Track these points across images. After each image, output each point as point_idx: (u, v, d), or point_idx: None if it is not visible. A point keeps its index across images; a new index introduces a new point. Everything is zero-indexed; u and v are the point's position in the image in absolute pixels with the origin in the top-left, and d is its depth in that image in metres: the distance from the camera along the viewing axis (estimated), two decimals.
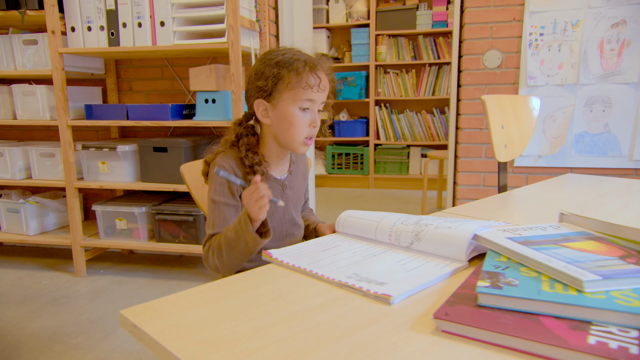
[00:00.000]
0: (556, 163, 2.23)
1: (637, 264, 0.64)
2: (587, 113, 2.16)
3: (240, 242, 0.93)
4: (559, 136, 2.18)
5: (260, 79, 1.01)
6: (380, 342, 0.54)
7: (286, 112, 1.00)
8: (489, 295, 0.59)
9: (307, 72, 0.97)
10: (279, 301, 0.66)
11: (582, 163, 2.20)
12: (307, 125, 1.01)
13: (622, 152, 2.14)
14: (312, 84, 0.97)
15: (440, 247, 0.81)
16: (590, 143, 2.18)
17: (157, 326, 0.58)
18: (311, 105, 1.00)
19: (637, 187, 1.38)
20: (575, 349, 0.48)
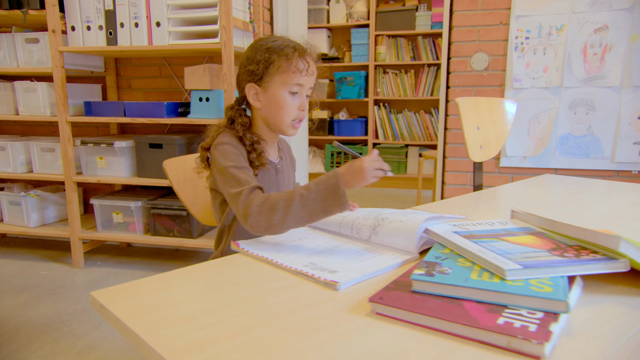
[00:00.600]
0: (541, 164, 2.27)
1: (561, 256, 0.69)
2: (571, 115, 2.21)
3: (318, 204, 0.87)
4: (543, 138, 2.23)
5: (252, 63, 1.06)
6: (319, 321, 0.60)
7: (276, 96, 1.05)
8: (422, 282, 0.65)
9: (296, 57, 1.03)
10: (237, 286, 0.73)
11: (566, 164, 2.25)
12: (295, 108, 1.07)
13: (605, 154, 2.18)
14: (301, 69, 1.03)
15: (394, 240, 0.87)
16: (574, 145, 2.22)
17: (121, 306, 0.65)
18: (300, 89, 1.06)
19: (606, 189, 1.43)
20: (483, 328, 0.55)
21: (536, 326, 0.54)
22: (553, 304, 0.58)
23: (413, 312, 0.60)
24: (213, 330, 0.58)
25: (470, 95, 2.28)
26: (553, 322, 0.55)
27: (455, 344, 0.54)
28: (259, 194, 0.94)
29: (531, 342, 0.51)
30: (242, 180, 0.97)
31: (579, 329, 0.58)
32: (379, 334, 0.57)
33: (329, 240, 0.93)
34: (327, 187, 0.87)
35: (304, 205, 0.88)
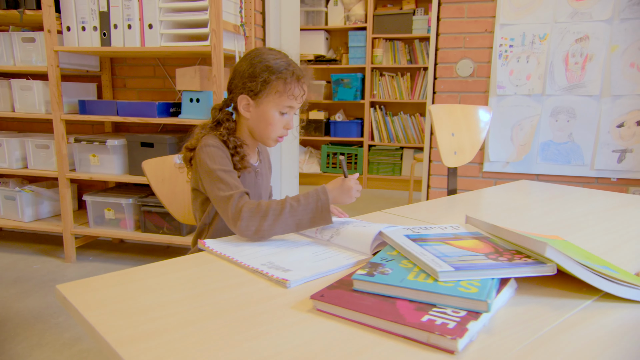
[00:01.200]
0: (523, 169, 2.32)
1: (495, 260, 0.74)
2: (553, 123, 2.25)
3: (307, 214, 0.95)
4: (525, 144, 2.27)
5: (250, 78, 1.09)
6: (261, 316, 0.65)
7: (267, 113, 1.10)
8: (362, 282, 0.70)
9: (294, 83, 1.08)
10: (194, 282, 0.78)
11: (547, 170, 2.29)
12: (282, 126, 1.12)
13: (585, 161, 2.22)
14: (296, 95, 1.08)
15: (352, 242, 0.92)
16: (555, 151, 2.27)
17: (82, 299, 0.70)
18: (290, 110, 1.12)
19: (576, 195, 1.47)
20: (407, 324, 0.59)
21: (455, 323, 0.59)
22: (475, 303, 0.63)
23: (348, 309, 0.65)
24: (161, 322, 0.63)
25: (455, 100, 2.33)
26: (472, 320, 0.60)
27: (380, 339, 0.59)
28: (249, 200, 1.00)
29: (446, 338, 0.56)
30: (231, 185, 1.02)
31: (499, 326, 0.63)
32: (313, 329, 0.62)
33: (292, 241, 0.98)
34: (317, 203, 0.96)
35: (293, 216, 0.95)
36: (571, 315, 0.66)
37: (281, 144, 2.86)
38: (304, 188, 4.85)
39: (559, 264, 0.71)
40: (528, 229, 1.08)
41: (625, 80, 2.11)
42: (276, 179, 2.85)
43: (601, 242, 1.00)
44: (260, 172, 1.22)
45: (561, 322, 0.64)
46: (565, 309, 0.68)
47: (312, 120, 5.05)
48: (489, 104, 2.31)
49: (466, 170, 2.41)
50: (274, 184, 2.92)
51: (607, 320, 0.64)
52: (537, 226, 1.14)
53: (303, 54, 4.94)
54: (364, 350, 0.57)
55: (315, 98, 5.00)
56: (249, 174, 1.18)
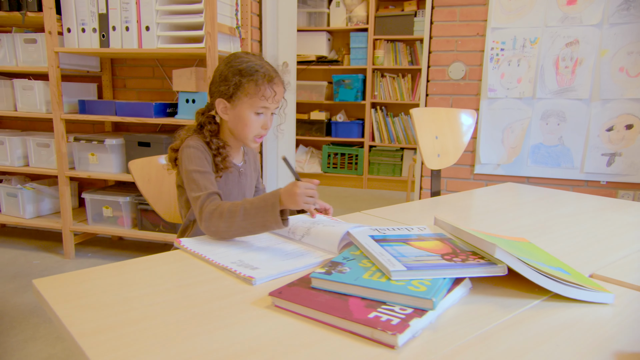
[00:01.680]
0: (514, 172, 2.34)
1: (450, 260, 0.77)
2: (543, 126, 2.27)
3: (259, 219, 0.95)
4: (515, 146, 2.29)
5: (224, 82, 1.14)
6: (221, 311, 0.69)
7: (242, 114, 1.14)
8: (319, 280, 0.73)
9: (264, 85, 1.12)
10: (164, 278, 0.82)
11: (537, 173, 2.31)
12: (259, 126, 1.16)
13: (574, 164, 2.24)
14: (267, 96, 1.12)
15: (321, 241, 0.95)
16: (545, 154, 2.28)
17: (55, 293, 0.74)
18: (265, 111, 1.15)
19: (557, 198, 1.49)
20: (354, 320, 0.63)
21: (399, 320, 0.62)
22: (421, 301, 0.66)
23: (302, 306, 0.68)
24: (125, 316, 0.66)
25: (447, 103, 2.35)
26: (416, 318, 0.63)
27: (329, 334, 0.63)
28: (214, 200, 1.04)
29: (387, 334, 0.59)
30: (202, 186, 1.07)
31: (445, 323, 0.66)
32: (268, 324, 0.65)
33: (268, 239, 1.01)
34: (266, 205, 0.95)
35: (246, 219, 0.96)
36: (517, 313, 0.69)
37: (278, 144, 2.90)
38: None
39: (508, 264, 0.74)
40: (501, 231, 1.11)
41: (615, 85, 2.13)
42: (272, 179, 2.89)
43: (568, 245, 1.02)
44: (244, 173, 1.26)
45: (506, 320, 0.67)
46: (513, 308, 0.71)
47: (313, 121, 5.08)
48: (480, 106, 2.33)
49: (458, 172, 2.43)
50: (270, 184, 2.97)
51: (549, 319, 0.67)
52: (511, 228, 1.17)
53: (305, 55, 4.98)
54: (311, 345, 0.60)
55: (317, 99, 5.03)
56: (232, 174, 1.22)
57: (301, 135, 5.13)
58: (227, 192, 1.19)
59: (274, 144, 2.88)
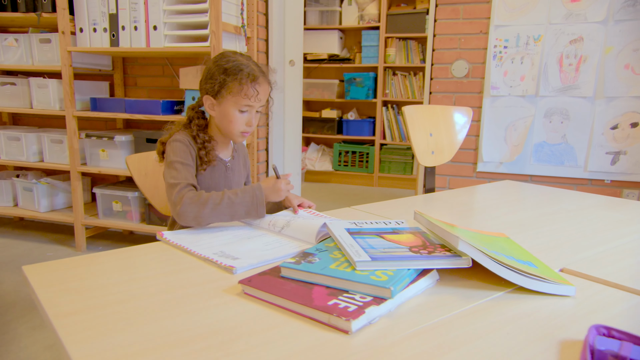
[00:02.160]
0: (517, 170, 2.32)
1: (417, 252, 0.79)
2: (547, 124, 2.25)
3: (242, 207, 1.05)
4: (518, 144, 2.28)
5: (210, 80, 1.19)
6: (192, 297, 0.73)
7: (227, 111, 1.18)
8: (288, 269, 0.76)
9: (247, 84, 1.15)
10: (143, 267, 0.86)
11: (540, 171, 2.29)
12: (244, 123, 1.20)
13: (578, 163, 2.21)
14: (250, 95, 1.16)
15: (300, 232, 0.98)
16: (549, 152, 2.26)
17: (40, 278, 0.78)
18: (249, 109, 1.19)
19: (551, 196, 1.49)
20: (313, 307, 0.66)
21: (355, 307, 0.65)
22: (380, 290, 0.68)
23: (268, 293, 0.71)
24: (100, 300, 0.71)
25: (450, 101, 2.35)
26: (374, 305, 0.66)
27: (290, 319, 0.66)
28: (193, 190, 1.10)
29: (341, 320, 0.62)
30: (182, 175, 1.12)
31: (404, 312, 0.68)
32: (234, 309, 0.69)
33: (249, 231, 1.05)
34: (252, 198, 1.06)
35: (230, 207, 1.05)
36: (478, 304, 0.71)
37: (284, 142, 2.94)
38: (316, 185, 4.94)
39: (472, 257, 0.75)
40: (487, 226, 1.12)
41: (620, 82, 2.10)
42: None
43: (547, 240, 1.03)
44: (231, 168, 1.29)
45: (464, 310, 0.69)
46: (475, 299, 0.73)
47: (324, 119, 5.11)
48: (483, 104, 2.32)
49: (460, 170, 2.43)
50: None
51: (508, 310, 0.69)
52: (497, 224, 1.18)
53: (317, 53, 5.01)
54: (270, 328, 0.63)
55: (328, 97, 5.06)
56: (219, 169, 1.25)
57: (312, 133, 5.16)
58: (213, 185, 1.23)
59: (281, 143, 2.92)
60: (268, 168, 2.86)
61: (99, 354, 0.56)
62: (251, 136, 2.62)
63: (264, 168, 2.82)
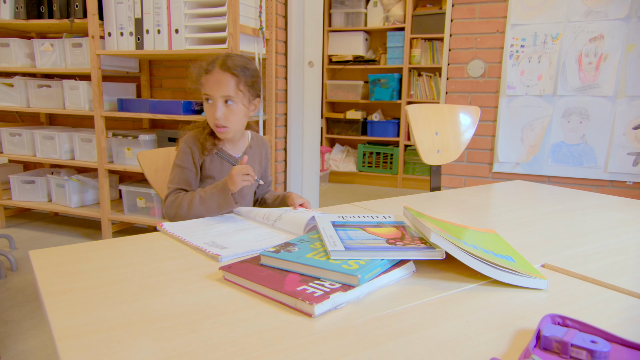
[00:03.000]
0: (533, 171, 2.28)
1: (393, 244, 0.81)
2: (565, 124, 2.19)
3: (213, 202, 1.14)
4: (534, 145, 2.23)
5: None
6: (174, 282, 0.77)
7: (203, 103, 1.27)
8: (267, 257, 0.80)
9: (202, 73, 1.23)
10: (138, 254, 0.91)
11: (558, 172, 2.24)
12: (212, 114, 1.24)
13: (598, 164, 2.15)
14: (203, 83, 1.23)
15: (290, 225, 1.02)
16: (567, 153, 2.21)
17: (43, 263, 0.85)
18: (211, 97, 1.23)
19: (557, 196, 1.47)
20: (282, 291, 0.69)
21: (322, 293, 0.68)
22: (347, 277, 0.71)
23: (244, 278, 0.75)
24: (90, 281, 0.76)
25: (466, 101, 2.33)
26: (340, 292, 0.68)
27: (260, 303, 0.69)
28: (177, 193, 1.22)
29: (305, 303, 0.65)
30: (176, 179, 1.25)
31: (372, 299, 0.71)
32: (211, 293, 0.73)
33: (244, 223, 1.09)
34: (218, 190, 1.14)
35: (202, 204, 1.16)
36: (447, 294, 0.73)
37: (303, 142, 2.98)
38: (340, 186, 4.96)
39: (444, 249, 0.77)
40: (481, 224, 1.12)
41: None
42: (297, 175, 2.98)
43: (537, 238, 1.03)
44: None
45: (432, 299, 0.71)
46: (446, 289, 0.74)
47: (349, 120, 5.13)
48: (499, 104, 2.29)
49: (476, 171, 2.41)
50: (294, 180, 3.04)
51: (475, 300, 0.70)
52: (490, 222, 1.18)
53: (342, 55, 5.04)
54: (240, 310, 0.67)
55: (353, 98, 5.08)
56: (228, 164, 1.30)
57: (337, 134, 5.20)
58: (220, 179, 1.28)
59: (299, 143, 2.96)
60: (286, 168, 2.91)
61: (77, 327, 0.61)
62: (269, 135, 2.68)
63: (282, 167, 2.87)
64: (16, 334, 1.78)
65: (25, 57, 2.93)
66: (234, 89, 1.23)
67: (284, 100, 2.83)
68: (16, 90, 2.97)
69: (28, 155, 3.02)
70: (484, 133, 2.33)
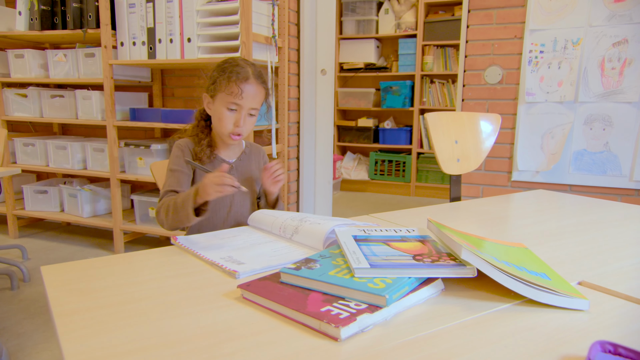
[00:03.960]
0: (554, 179, 2.21)
1: (420, 261, 0.77)
2: (587, 131, 2.13)
3: (183, 211, 1.10)
4: (555, 153, 2.17)
5: (208, 77, 1.25)
6: (191, 300, 0.73)
7: (218, 109, 1.22)
8: (288, 275, 0.76)
9: (233, 82, 1.18)
10: (153, 270, 0.87)
11: (580, 181, 2.17)
12: (232, 123, 1.21)
13: (623, 172, 2.08)
14: (234, 93, 1.18)
15: (308, 239, 0.98)
16: (589, 161, 2.14)
17: (55, 279, 0.81)
18: (238, 108, 1.21)
19: (582, 206, 1.41)
20: (305, 312, 0.65)
21: (348, 314, 0.64)
22: (375, 298, 0.67)
23: (264, 298, 0.71)
24: (104, 300, 0.73)
25: (483, 108, 2.28)
26: (367, 313, 0.64)
27: (282, 324, 0.65)
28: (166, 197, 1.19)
29: (331, 326, 0.61)
30: (167, 183, 1.23)
31: (401, 321, 0.66)
32: (230, 313, 0.69)
33: (259, 237, 1.05)
34: (184, 200, 1.10)
35: (176, 211, 1.12)
36: (480, 315, 0.68)
37: (316, 150, 2.95)
38: (352, 195, 4.92)
39: (476, 266, 0.72)
40: (508, 237, 1.08)
41: None
42: (310, 184, 2.94)
43: (569, 252, 0.97)
44: (237, 169, 1.31)
45: (465, 320, 0.66)
46: (478, 310, 0.69)
47: (361, 128, 5.10)
48: (518, 111, 2.24)
49: (494, 179, 2.35)
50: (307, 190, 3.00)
51: (511, 322, 0.65)
52: (517, 235, 1.13)
53: (353, 62, 5.02)
54: (261, 333, 0.63)
55: (365, 105, 5.04)
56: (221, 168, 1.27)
57: (349, 142, 5.16)
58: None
59: (312, 152, 2.93)
60: (299, 176, 2.87)
61: (90, 352, 0.58)
62: (282, 145, 2.65)
63: (294, 176, 2.84)
64: (28, 347, 1.76)
65: (39, 67, 2.94)
66: (262, 101, 1.23)
67: (296, 108, 2.80)
68: (30, 101, 2.98)
69: (41, 165, 3.02)
70: (503, 141, 2.28)
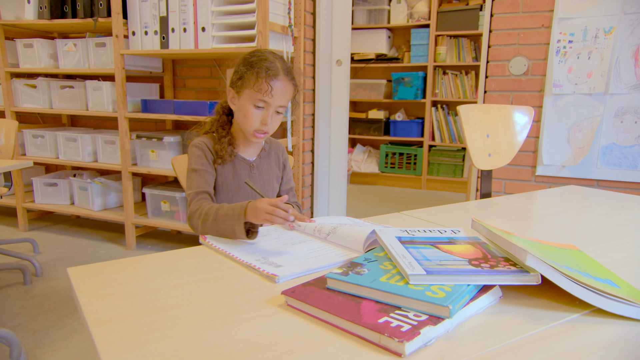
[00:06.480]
0: (581, 174, 2.14)
1: (477, 266, 0.71)
2: (617, 124, 2.06)
3: (228, 225, 0.98)
4: (583, 147, 2.10)
5: (235, 73, 1.18)
6: (232, 307, 0.68)
7: (244, 105, 1.16)
8: (335, 280, 0.70)
9: (262, 78, 1.12)
10: (185, 273, 0.82)
11: (609, 175, 2.10)
12: (259, 120, 1.15)
13: None
14: (263, 90, 1.12)
15: (347, 240, 0.92)
16: (619, 155, 2.07)
17: (83, 281, 0.77)
18: (266, 105, 1.15)
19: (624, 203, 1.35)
20: (362, 324, 0.59)
21: (410, 327, 0.58)
22: (437, 308, 0.61)
23: (312, 306, 0.65)
24: (140, 307, 0.67)
25: (507, 100, 2.21)
26: (430, 325, 0.59)
27: (336, 337, 0.60)
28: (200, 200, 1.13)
29: (394, 341, 0.55)
30: (193, 184, 1.16)
31: (464, 333, 0.61)
32: (276, 322, 0.63)
33: (293, 236, 1.00)
34: (234, 214, 0.98)
35: (216, 223, 1.02)
36: (549, 327, 0.62)
37: (330, 143, 2.89)
38: (362, 188, 4.85)
39: (541, 273, 0.66)
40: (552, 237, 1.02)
41: None
42: (324, 178, 2.88)
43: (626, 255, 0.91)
44: (257, 168, 1.25)
45: (533, 333, 0.61)
46: (545, 321, 0.64)
47: (371, 120, 5.02)
48: (544, 104, 2.17)
49: (518, 174, 2.28)
50: (321, 184, 2.95)
51: (586, 336, 0.60)
52: (563, 234, 1.07)
53: (364, 53, 4.93)
54: (314, 347, 0.57)
55: (375, 97, 4.96)
56: (242, 168, 1.23)
57: (359, 134, 5.09)
58: (235, 185, 1.21)
59: (326, 144, 2.87)
60: (314, 169, 2.82)
61: None
62: (297, 137, 2.59)
63: (309, 170, 2.78)
64: (45, 345, 1.72)
65: (48, 57, 2.88)
66: (290, 99, 1.17)
67: (311, 100, 2.74)
68: (39, 92, 2.92)
69: (51, 157, 2.97)
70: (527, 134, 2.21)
